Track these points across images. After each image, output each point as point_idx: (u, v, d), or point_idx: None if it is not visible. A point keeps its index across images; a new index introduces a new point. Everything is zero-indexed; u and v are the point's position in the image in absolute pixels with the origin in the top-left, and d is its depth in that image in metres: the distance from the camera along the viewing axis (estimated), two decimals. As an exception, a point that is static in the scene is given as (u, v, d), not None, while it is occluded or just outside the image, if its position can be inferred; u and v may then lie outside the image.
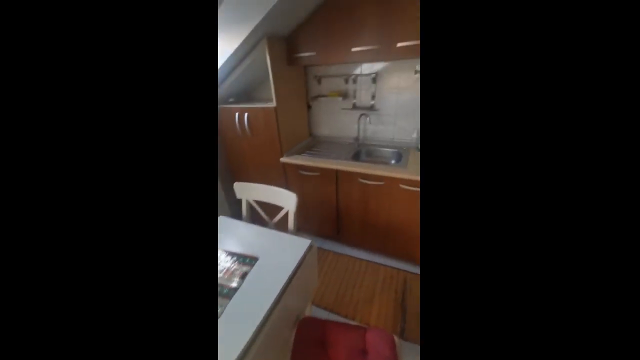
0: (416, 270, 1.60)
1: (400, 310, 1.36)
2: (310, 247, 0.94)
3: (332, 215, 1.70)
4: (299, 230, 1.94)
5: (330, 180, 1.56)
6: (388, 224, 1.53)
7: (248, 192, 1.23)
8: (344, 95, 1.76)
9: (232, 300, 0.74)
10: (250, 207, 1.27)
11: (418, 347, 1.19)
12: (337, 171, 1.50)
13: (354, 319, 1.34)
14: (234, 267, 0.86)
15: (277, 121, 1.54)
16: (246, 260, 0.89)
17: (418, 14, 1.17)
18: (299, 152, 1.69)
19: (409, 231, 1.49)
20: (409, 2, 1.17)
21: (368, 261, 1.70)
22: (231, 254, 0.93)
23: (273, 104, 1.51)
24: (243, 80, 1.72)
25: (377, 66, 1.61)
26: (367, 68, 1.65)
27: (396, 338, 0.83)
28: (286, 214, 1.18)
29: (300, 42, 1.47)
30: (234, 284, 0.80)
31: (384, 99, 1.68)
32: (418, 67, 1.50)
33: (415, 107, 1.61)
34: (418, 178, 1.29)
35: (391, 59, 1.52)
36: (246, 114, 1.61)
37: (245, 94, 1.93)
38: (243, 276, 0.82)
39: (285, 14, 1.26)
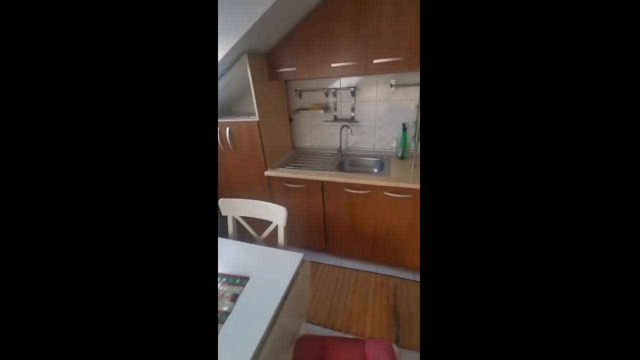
0: (404, 275, 1.63)
1: (394, 318, 1.36)
2: (302, 262, 0.92)
3: (319, 226, 1.69)
4: (287, 244, 1.90)
5: (316, 191, 1.56)
6: (375, 232, 1.56)
7: (234, 208, 1.19)
8: (325, 108, 1.80)
9: (224, 325, 0.69)
10: (236, 223, 1.22)
11: (413, 354, 1.19)
12: (322, 182, 1.51)
13: (349, 331, 1.31)
14: (224, 289, 0.82)
15: (260, 135, 1.53)
16: (236, 281, 0.85)
17: (391, 34, 1.26)
18: (283, 165, 1.68)
19: (395, 238, 1.52)
20: (381, 23, 1.25)
21: (358, 270, 1.69)
22: (219, 275, 0.88)
23: (256, 117, 1.50)
24: (224, 96, 1.70)
25: (355, 80, 1.69)
26: (345, 82, 1.72)
27: (395, 346, 0.83)
28: (275, 229, 1.15)
29: (280, 58, 1.50)
30: (224, 308, 0.75)
31: (363, 110, 1.75)
32: (393, 81, 1.60)
33: (392, 117, 1.69)
34: (401, 185, 1.34)
35: (368, 74, 1.60)
36: (227, 129, 1.58)
37: (226, 109, 1.90)
38: (234, 298, 0.78)
39: (265, 31, 1.29)
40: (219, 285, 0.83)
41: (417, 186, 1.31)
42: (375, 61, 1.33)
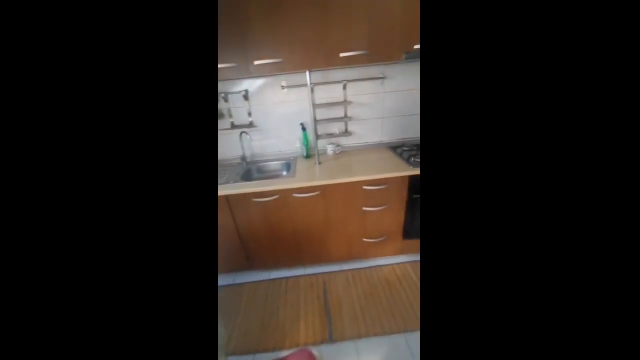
0: (332, 268, 1.69)
1: (325, 315, 1.38)
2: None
3: (235, 244, 1.54)
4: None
5: (221, 208, 1.40)
6: (295, 235, 1.54)
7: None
8: (219, 115, 1.64)
9: None
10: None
11: (349, 345, 1.24)
12: (227, 197, 1.37)
13: (282, 346, 1.24)
14: None
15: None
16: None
17: (268, 34, 1.23)
18: (177, 186, 1.43)
19: (315, 235, 1.54)
20: (254, 24, 1.21)
21: (287, 278, 1.64)
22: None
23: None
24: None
25: (246, 83, 1.60)
26: (236, 85, 1.60)
27: (315, 351, 0.81)
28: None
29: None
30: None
31: (261, 114, 1.68)
32: (284, 83, 1.59)
33: (291, 118, 1.70)
34: (307, 184, 1.35)
35: (253, 76, 1.54)
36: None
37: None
38: None
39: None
40: None
41: (323, 182, 1.35)
42: (256, 62, 1.28)
